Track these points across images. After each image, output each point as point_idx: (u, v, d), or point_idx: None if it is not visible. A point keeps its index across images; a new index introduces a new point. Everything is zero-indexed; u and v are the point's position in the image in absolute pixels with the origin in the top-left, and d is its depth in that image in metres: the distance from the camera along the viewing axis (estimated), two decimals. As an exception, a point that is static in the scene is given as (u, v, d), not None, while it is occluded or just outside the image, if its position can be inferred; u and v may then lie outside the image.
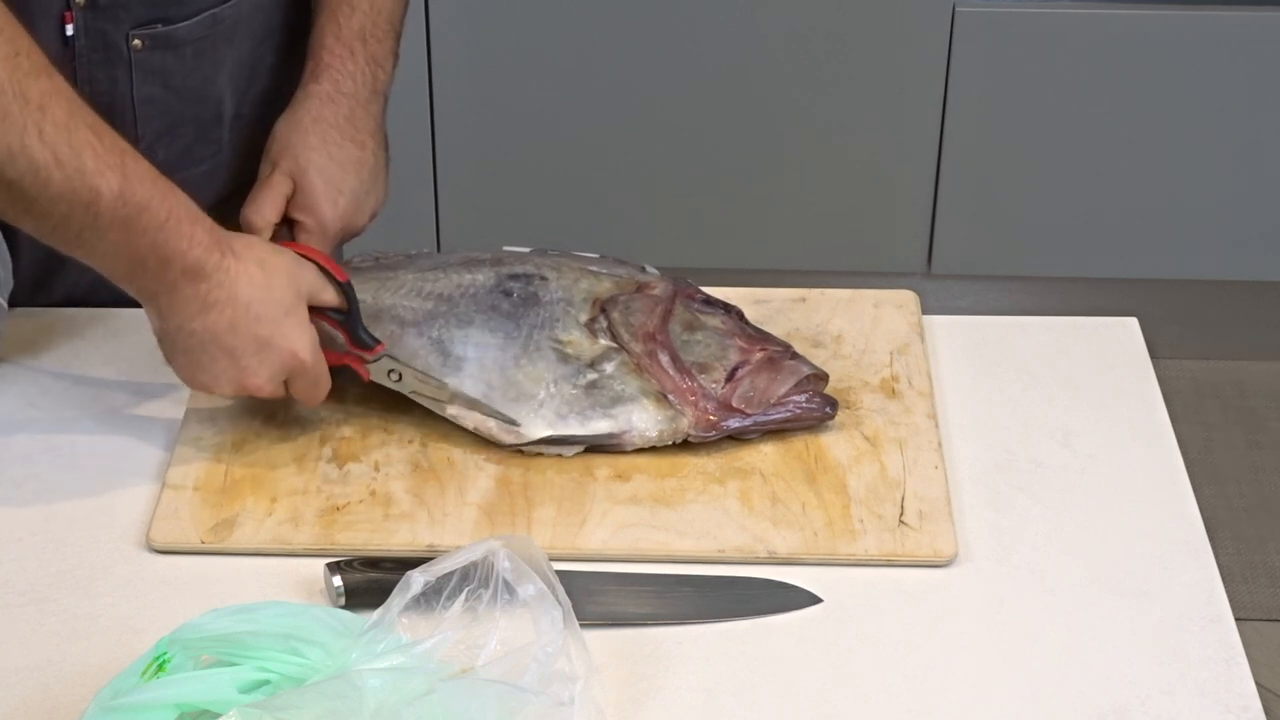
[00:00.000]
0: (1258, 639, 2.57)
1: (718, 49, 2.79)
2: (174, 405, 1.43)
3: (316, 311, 1.35)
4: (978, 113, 2.83)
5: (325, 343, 1.36)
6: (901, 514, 1.32)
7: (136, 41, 1.46)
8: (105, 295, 1.41)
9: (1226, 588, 1.28)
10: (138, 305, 1.51)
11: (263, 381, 1.32)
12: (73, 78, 1.42)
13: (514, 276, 1.44)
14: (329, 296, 1.36)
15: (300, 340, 1.33)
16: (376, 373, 1.38)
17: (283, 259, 1.34)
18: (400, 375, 1.38)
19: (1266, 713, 1.19)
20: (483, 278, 1.43)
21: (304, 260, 1.36)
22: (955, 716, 1.19)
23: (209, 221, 1.30)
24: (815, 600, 1.27)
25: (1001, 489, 1.36)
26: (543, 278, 1.43)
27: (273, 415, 1.40)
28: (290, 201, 1.49)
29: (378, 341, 1.38)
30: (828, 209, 2.91)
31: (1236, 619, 1.26)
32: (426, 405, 1.38)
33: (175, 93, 1.50)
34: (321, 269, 1.36)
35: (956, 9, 2.75)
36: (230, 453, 1.37)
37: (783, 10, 2.76)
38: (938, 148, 2.85)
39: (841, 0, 2.75)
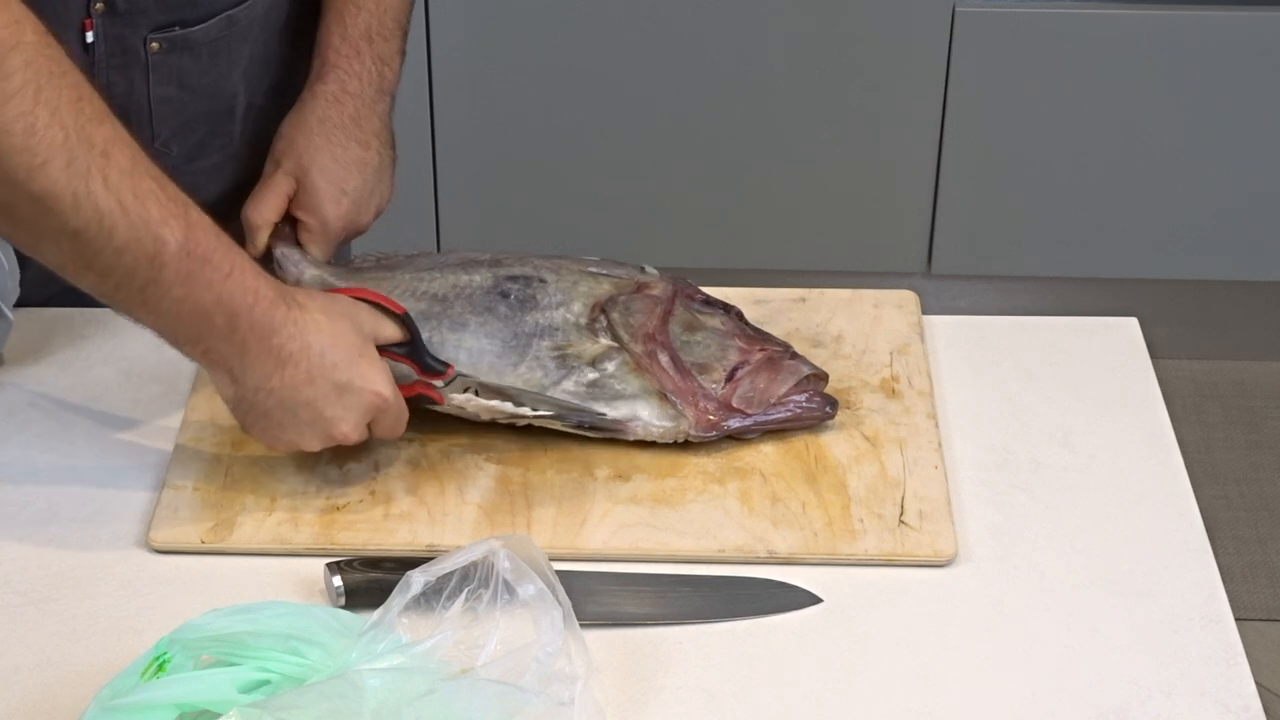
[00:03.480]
0: (1258, 639, 2.57)
1: (718, 48, 2.79)
2: (174, 404, 1.43)
3: (381, 349, 1.33)
4: (978, 113, 2.83)
5: (395, 378, 1.33)
6: (901, 514, 1.32)
7: (154, 44, 1.46)
8: None
9: (1226, 588, 1.28)
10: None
11: (349, 429, 1.29)
12: (91, 82, 1.43)
13: (512, 278, 1.43)
14: (390, 332, 1.34)
15: (379, 379, 1.30)
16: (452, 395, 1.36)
17: (341, 304, 1.32)
18: (477, 391, 1.36)
19: (1266, 713, 1.19)
20: (479, 279, 1.43)
21: (359, 301, 1.34)
22: (955, 716, 1.19)
23: (268, 276, 1.28)
24: (815, 600, 1.27)
25: (1001, 489, 1.36)
26: (541, 280, 1.43)
27: (273, 415, 1.40)
28: (293, 200, 1.49)
29: (447, 365, 1.35)
30: (828, 209, 2.91)
31: (1236, 619, 1.26)
32: (505, 421, 1.37)
33: (190, 91, 1.50)
34: (377, 306, 1.34)
35: (956, 9, 2.75)
36: (230, 453, 1.37)
37: (782, 11, 2.76)
38: (938, 148, 2.85)
39: (841, 0, 2.75)
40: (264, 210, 1.47)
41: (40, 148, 1.17)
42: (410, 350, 1.35)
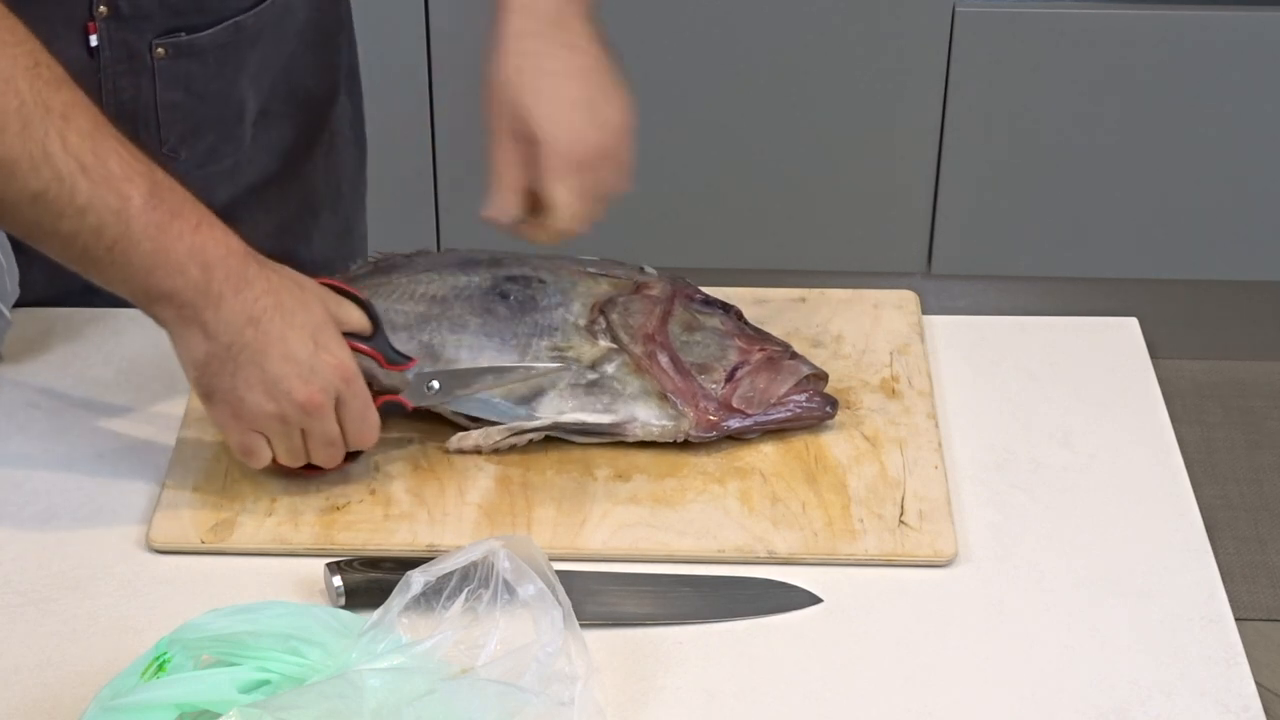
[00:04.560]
0: (1258, 639, 2.57)
1: (718, 49, 2.79)
2: (174, 405, 1.43)
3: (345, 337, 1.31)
4: (978, 113, 2.83)
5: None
6: (901, 514, 1.32)
7: (159, 50, 1.46)
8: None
9: (1226, 588, 1.28)
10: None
11: (315, 390, 1.27)
12: (97, 86, 1.43)
13: (511, 278, 1.43)
14: (353, 319, 1.33)
15: (342, 352, 1.29)
16: (416, 394, 1.35)
17: (308, 280, 1.31)
18: (439, 384, 1.36)
19: (1266, 713, 1.19)
20: (478, 279, 1.43)
21: (323, 285, 1.33)
22: (955, 716, 1.19)
23: (235, 234, 1.27)
24: (815, 600, 1.27)
25: (1001, 489, 1.36)
26: (540, 280, 1.43)
27: (273, 415, 1.40)
28: (525, 156, 1.40)
29: (409, 357, 1.35)
30: (828, 209, 2.91)
31: (1236, 619, 1.26)
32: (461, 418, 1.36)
33: (198, 97, 1.50)
34: (342, 293, 1.33)
35: (956, 9, 2.75)
36: (230, 453, 1.37)
37: (783, 10, 2.76)
38: (938, 148, 2.85)
39: (841, 0, 2.75)
40: (506, 208, 1.41)
41: None
42: (373, 340, 1.34)
